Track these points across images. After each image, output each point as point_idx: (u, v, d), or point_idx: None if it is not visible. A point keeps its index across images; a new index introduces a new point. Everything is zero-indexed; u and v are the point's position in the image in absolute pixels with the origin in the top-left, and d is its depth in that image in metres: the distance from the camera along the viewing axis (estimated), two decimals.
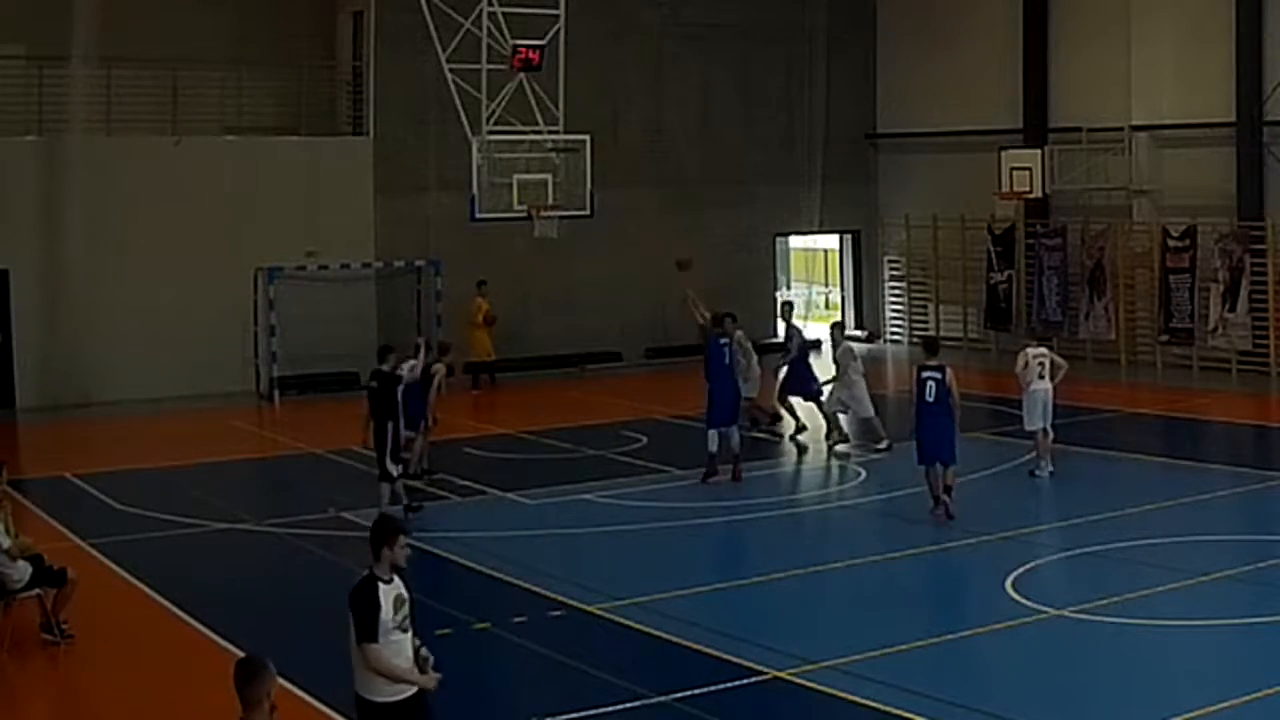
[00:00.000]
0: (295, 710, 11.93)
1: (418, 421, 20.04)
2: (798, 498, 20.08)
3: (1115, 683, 12.09)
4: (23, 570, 13.59)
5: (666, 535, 17.84)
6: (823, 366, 24.37)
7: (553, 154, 24.05)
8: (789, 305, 25.34)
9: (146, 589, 15.53)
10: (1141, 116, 30.45)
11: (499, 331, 30.31)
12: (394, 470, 17.87)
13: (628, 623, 13.98)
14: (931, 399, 17.76)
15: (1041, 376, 20.56)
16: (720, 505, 18.94)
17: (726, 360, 20.28)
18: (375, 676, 8.97)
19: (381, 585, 9.03)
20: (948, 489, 17.69)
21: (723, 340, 20.42)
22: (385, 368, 18.25)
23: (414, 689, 9.06)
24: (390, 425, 17.87)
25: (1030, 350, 20.92)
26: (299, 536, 17.58)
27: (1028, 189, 30.51)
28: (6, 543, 13.51)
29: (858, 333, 36.38)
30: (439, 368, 20.64)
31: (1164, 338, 30.05)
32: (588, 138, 24.53)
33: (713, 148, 34.05)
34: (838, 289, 38.84)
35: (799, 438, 23.06)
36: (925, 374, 17.92)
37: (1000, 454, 21.57)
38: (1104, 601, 14.05)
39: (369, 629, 8.91)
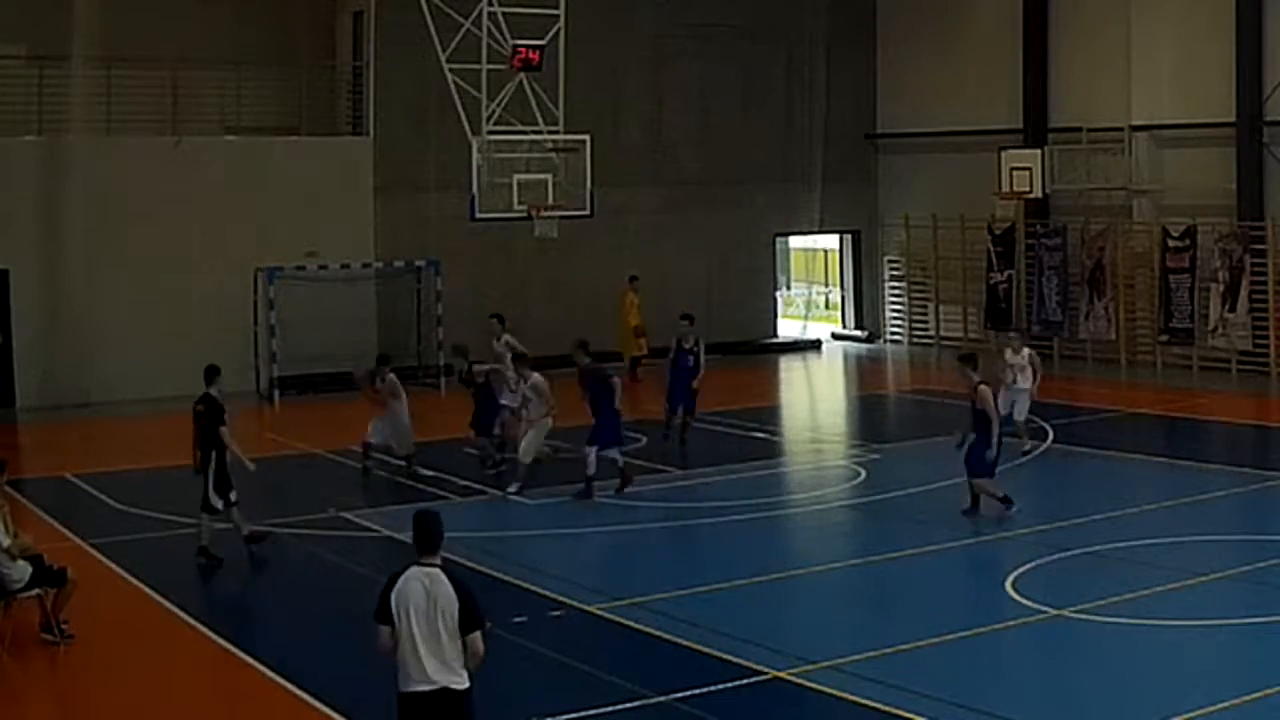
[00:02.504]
0: (296, 710, 11.94)
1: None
2: (797, 498, 20.06)
3: (1115, 683, 12.10)
4: (23, 570, 13.59)
5: (666, 535, 17.85)
6: None
7: (553, 154, 24.03)
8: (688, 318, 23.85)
9: (146, 589, 15.53)
10: (1141, 116, 30.45)
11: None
12: (217, 502, 16.42)
13: (628, 623, 13.98)
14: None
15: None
16: (720, 505, 18.93)
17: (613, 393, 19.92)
18: (470, 665, 8.97)
19: None
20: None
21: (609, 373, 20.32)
22: (213, 392, 16.85)
23: None
24: (214, 454, 16.42)
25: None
26: (299, 536, 17.57)
27: (1028, 189, 30.52)
28: (6, 542, 13.50)
29: (858, 332, 36.45)
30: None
31: (1164, 338, 30.05)
32: (588, 138, 24.53)
33: (713, 148, 34.04)
34: (838, 289, 38.86)
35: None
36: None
37: (1000, 454, 21.53)
38: (1104, 601, 14.05)
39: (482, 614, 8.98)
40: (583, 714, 11.58)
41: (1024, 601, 14.24)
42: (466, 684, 8.99)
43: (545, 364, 30.79)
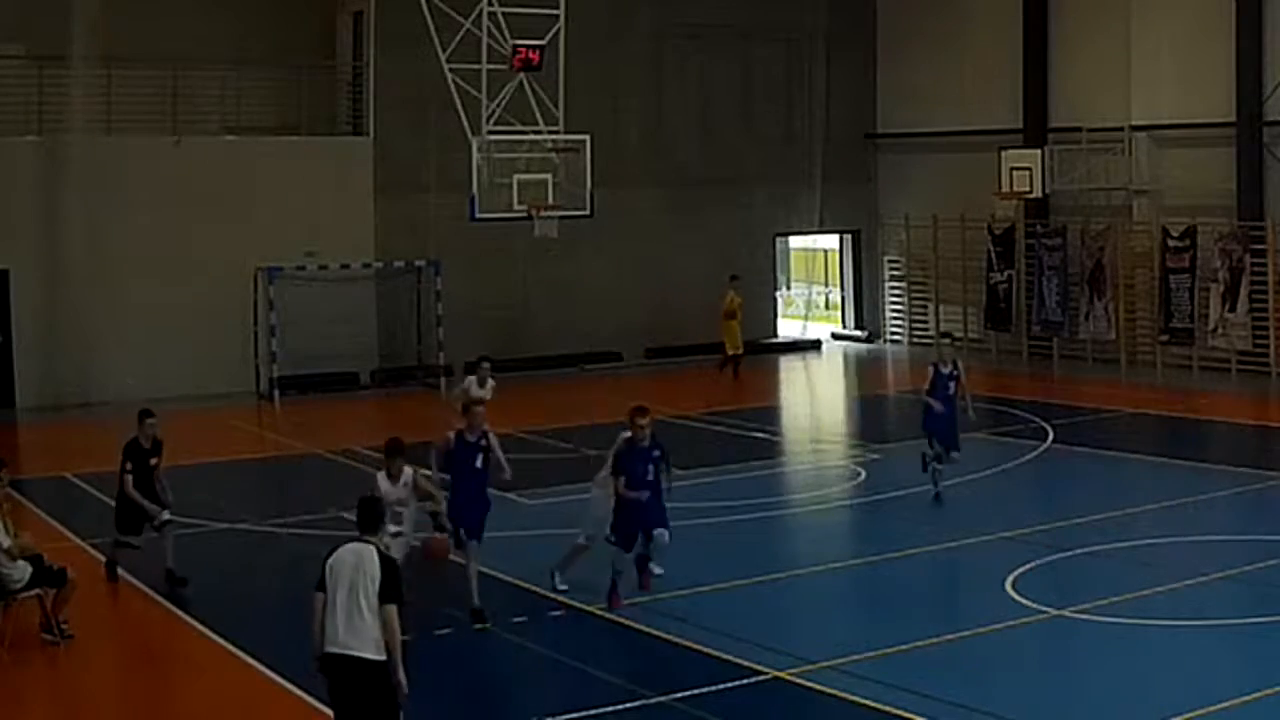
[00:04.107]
0: (296, 711, 11.93)
1: None
2: (797, 498, 20.06)
3: (1115, 683, 12.10)
4: (23, 570, 13.59)
5: None
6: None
7: (553, 154, 24.03)
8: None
9: (146, 589, 15.53)
10: (1141, 116, 30.45)
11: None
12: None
13: (628, 623, 13.98)
14: None
15: None
16: (720, 505, 18.92)
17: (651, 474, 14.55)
18: (383, 638, 9.41)
19: None
20: None
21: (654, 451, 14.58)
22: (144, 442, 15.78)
23: None
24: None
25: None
26: (299, 536, 17.57)
27: (1028, 189, 30.50)
28: (6, 542, 13.51)
29: (858, 332, 36.47)
30: None
31: (1164, 338, 30.04)
32: (588, 138, 24.52)
33: (713, 148, 34.03)
34: (838, 289, 38.87)
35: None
36: None
37: (1001, 454, 21.57)
38: (1104, 601, 14.06)
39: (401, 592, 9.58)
40: (583, 714, 11.58)
41: (1024, 601, 14.24)
42: (381, 657, 9.39)
43: (545, 364, 31.15)
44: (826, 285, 41.11)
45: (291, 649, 13.47)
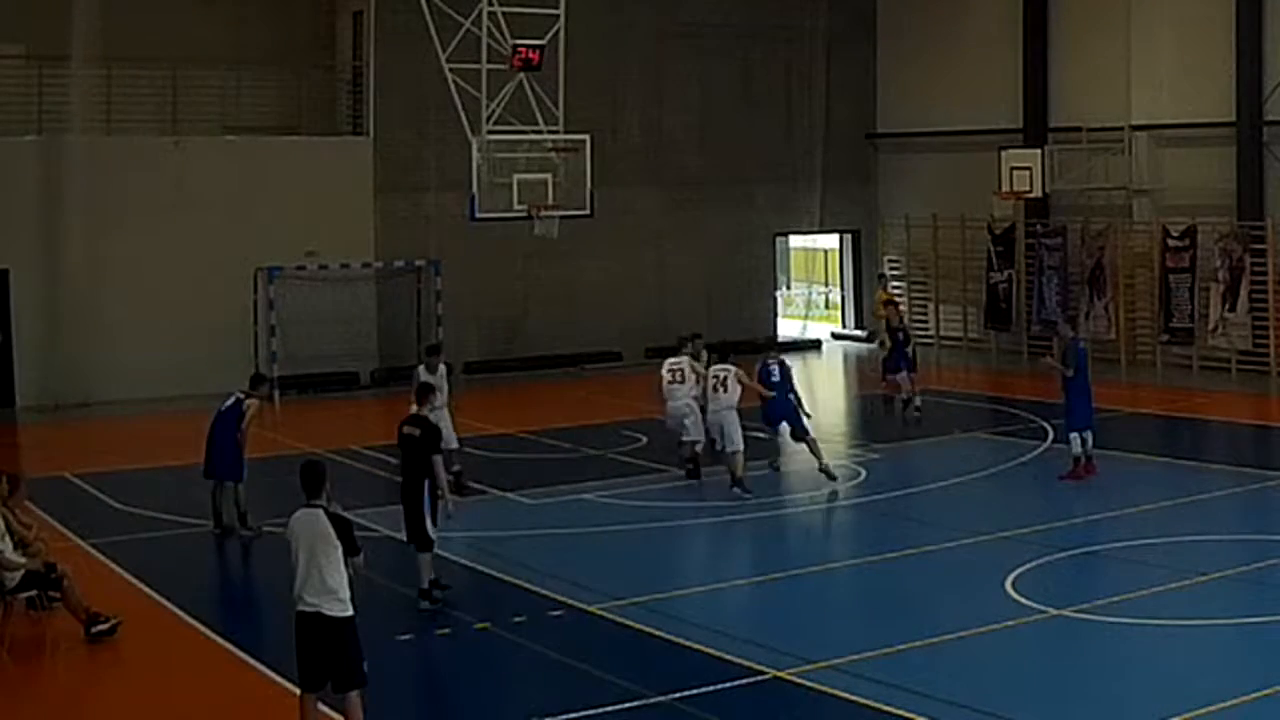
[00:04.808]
0: (295, 710, 11.92)
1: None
2: (797, 497, 20.05)
3: (1115, 683, 12.10)
4: (17, 563, 13.62)
5: (666, 535, 17.85)
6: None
7: (553, 154, 24.02)
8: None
9: (146, 589, 15.53)
10: (1141, 116, 30.44)
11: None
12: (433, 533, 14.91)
13: (628, 623, 13.98)
14: None
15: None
16: (720, 505, 18.93)
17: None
18: (345, 588, 10.40)
19: None
20: None
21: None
22: (426, 412, 15.36)
23: None
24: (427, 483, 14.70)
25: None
26: None
27: (1028, 189, 30.48)
28: (7, 545, 13.53)
29: (858, 332, 36.48)
30: (251, 403, 18.06)
31: (1164, 338, 30.04)
32: (588, 138, 24.52)
33: (713, 148, 34.03)
34: (838, 289, 38.87)
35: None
36: None
37: (1000, 454, 21.56)
38: (1104, 601, 14.05)
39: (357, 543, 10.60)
40: (583, 714, 11.58)
41: (1024, 601, 14.24)
42: (347, 611, 10.44)
43: (545, 364, 31.16)
44: (826, 285, 41.11)
45: (291, 649, 13.49)
